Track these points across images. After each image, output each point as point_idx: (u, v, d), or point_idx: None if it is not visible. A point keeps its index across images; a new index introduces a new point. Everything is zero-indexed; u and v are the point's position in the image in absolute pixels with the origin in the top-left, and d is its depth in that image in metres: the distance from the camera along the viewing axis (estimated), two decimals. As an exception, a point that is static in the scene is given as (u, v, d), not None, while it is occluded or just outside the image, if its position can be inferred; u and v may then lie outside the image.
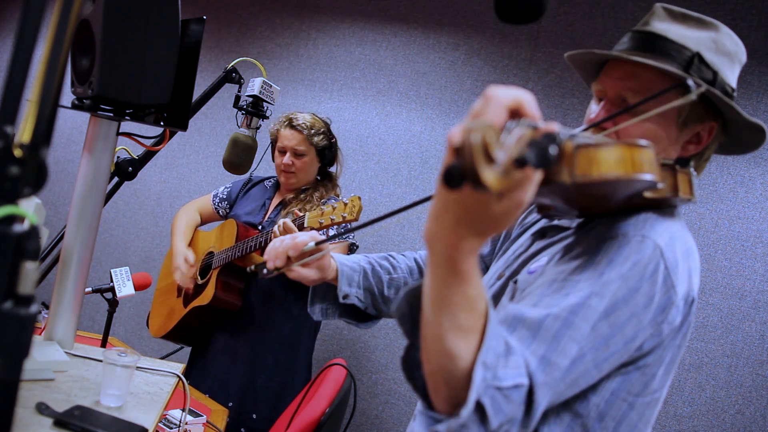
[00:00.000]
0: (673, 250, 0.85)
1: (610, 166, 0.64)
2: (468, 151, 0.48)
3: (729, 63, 0.96)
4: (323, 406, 1.76)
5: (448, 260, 0.63)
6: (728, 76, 0.96)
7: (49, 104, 0.49)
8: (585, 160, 0.64)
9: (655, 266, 0.81)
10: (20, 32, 0.48)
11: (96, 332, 2.31)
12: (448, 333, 0.66)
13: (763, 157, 2.39)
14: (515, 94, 0.61)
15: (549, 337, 0.75)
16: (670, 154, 0.95)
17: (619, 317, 0.79)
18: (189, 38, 1.41)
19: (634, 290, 0.80)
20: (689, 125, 0.94)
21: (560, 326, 0.76)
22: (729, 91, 0.95)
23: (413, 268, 1.31)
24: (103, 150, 1.39)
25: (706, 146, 0.97)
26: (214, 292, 2.09)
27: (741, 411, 2.34)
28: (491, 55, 2.81)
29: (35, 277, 0.49)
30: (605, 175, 0.64)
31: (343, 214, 1.74)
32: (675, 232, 0.87)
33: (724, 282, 2.40)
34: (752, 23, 2.41)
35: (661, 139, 0.93)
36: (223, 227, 2.25)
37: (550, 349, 0.74)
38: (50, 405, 1.07)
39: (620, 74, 0.95)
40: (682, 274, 0.85)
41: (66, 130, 3.57)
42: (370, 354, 2.89)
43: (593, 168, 0.64)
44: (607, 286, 0.79)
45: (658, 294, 0.82)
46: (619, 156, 0.65)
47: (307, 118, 2.22)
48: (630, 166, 0.66)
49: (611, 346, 0.79)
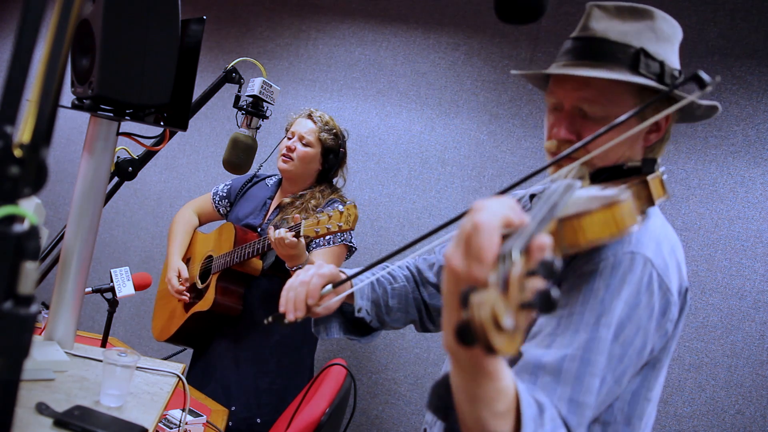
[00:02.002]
0: (661, 255, 0.88)
1: (596, 231, 0.67)
2: (479, 326, 0.50)
3: (671, 47, 0.97)
4: (323, 406, 1.76)
5: (475, 366, 0.63)
6: (673, 60, 0.97)
7: (49, 104, 0.49)
8: (571, 232, 0.67)
9: (649, 278, 0.85)
10: (20, 32, 0.48)
11: (96, 332, 2.31)
12: (488, 420, 0.68)
13: (763, 157, 2.39)
14: (501, 214, 0.58)
15: (571, 379, 0.79)
16: (635, 149, 0.98)
17: (628, 335, 0.83)
18: (189, 38, 1.41)
19: (635, 306, 0.84)
20: (647, 118, 0.96)
21: (579, 366, 0.80)
22: (676, 75, 0.97)
23: (409, 277, 1.31)
24: (103, 150, 1.39)
25: (666, 130, 1.01)
26: (215, 298, 2.08)
27: (741, 411, 2.34)
28: (491, 55, 2.81)
29: (35, 277, 0.49)
30: (593, 242, 0.68)
31: (339, 223, 1.74)
32: (658, 236, 0.90)
33: (724, 282, 2.40)
34: (752, 23, 2.41)
35: (628, 138, 0.95)
36: (221, 230, 2.23)
37: (575, 390, 0.79)
38: (50, 405, 1.07)
39: (573, 85, 0.96)
40: (672, 272, 0.89)
41: (66, 130, 3.57)
42: (370, 354, 2.89)
43: (580, 238, 0.67)
44: (610, 312, 0.82)
45: (657, 302, 0.85)
46: (603, 220, 0.68)
47: (326, 116, 2.24)
48: (614, 226, 0.68)
49: (626, 361, 0.83)
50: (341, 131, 2.27)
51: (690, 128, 2.47)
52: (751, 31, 2.41)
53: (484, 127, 2.80)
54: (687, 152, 2.48)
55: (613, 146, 0.92)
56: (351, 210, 1.75)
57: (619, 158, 0.97)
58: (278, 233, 1.83)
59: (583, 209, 0.67)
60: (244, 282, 2.15)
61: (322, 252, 2.08)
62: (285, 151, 2.19)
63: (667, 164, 2.49)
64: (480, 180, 2.77)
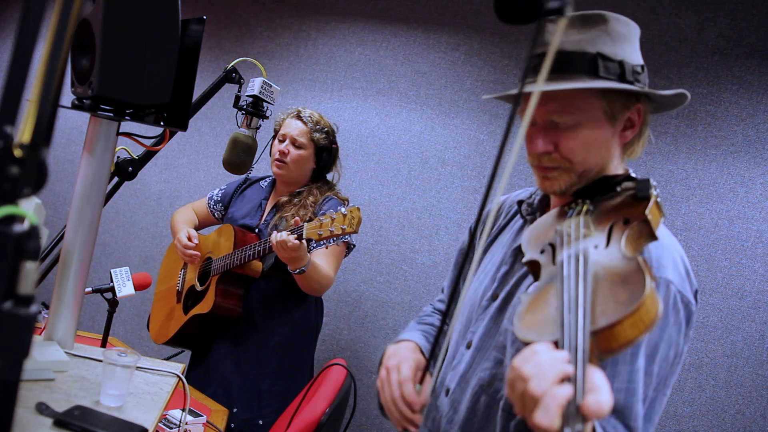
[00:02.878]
0: (678, 272, 0.93)
1: (628, 335, 0.68)
2: None
3: (629, 45, 0.99)
4: (323, 406, 1.76)
5: None
6: (633, 57, 0.99)
7: (49, 104, 0.49)
8: (605, 343, 0.68)
9: (674, 299, 0.90)
10: (20, 32, 0.48)
11: (96, 332, 2.31)
12: None
13: (763, 157, 2.39)
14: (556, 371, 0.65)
15: (620, 408, 0.85)
16: (611, 149, 1.01)
17: (663, 353, 0.90)
18: (189, 38, 1.41)
19: (664, 327, 0.89)
20: (618, 117, 0.99)
21: (625, 397, 0.86)
22: (639, 70, 0.99)
23: None
24: (103, 150, 1.39)
25: (641, 125, 1.02)
26: (215, 300, 2.07)
27: (741, 411, 2.34)
28: (491, 55, 2.81)
29: (35, 277, 0.49)
30: (626, 345, 0.69)
31: (343, 226, 1.73)
32: (671, 251, 0.94)
33: (724, 282, 2.40)
34: (752, 23, 2.41)
35: (600, 141, 0.99)
36: (220, 232, 2.22)
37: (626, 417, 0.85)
38: (50, 405, 1.07)
39: (539, 101, 0.99)
40: (687, 283, 0.94)
41: (66, 130, 3.58)
42: (370, 354, 2.89)
43: (613, 344, 0.68)
44: (642, 341, 0.87)
45: (683, 317, 0.91)
46: (633, 323, 0.68)
47: (315, 115, 2.21)
48: (643, 324, 0.69)
49: (662, 374, 0.91)
50: (331, 127, 2.24)
51: (690, 128, 2.47)
52: (751, 31, 2.41)
53: (484, 127, 2.80)
54: (687, 152, 2.48)
55: (591, 149, 0.98)
56: (354, 213, 1.74)
57: (600, 160, 1.00)
58: (280, 236, 1.82)
59: (612, 320, 0.68)
60: (244, 284, 2.14)
61: (322, 252, 2.07)
62: (278, 156, 2.16)
63: (667, 164, 2.49)
64: (480, 180, 2.77)
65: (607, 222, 0.86)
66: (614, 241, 0.80)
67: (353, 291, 2.93)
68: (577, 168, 0.99)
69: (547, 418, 0.61)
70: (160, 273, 2.50)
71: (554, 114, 0.98)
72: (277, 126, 2.25)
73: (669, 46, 2.50)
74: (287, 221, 2.09)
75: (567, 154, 0.98)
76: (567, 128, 0.98)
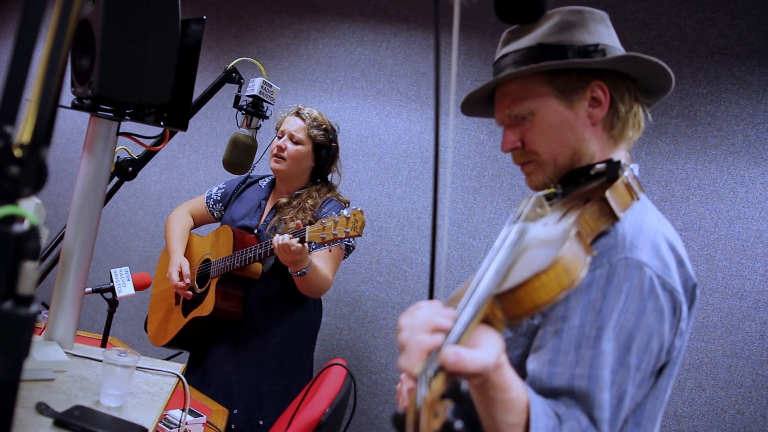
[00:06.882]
0: (658, 255, 0.87)
1: (533, 299, 0.64)
2: None
3: (577, 29, 0.99)
4: (323, 406, 1.76)
5: None
6: (583, 38, 0.99)
7: (49, 104, 0.49)
8: (510, 306, 0.65)
9: (650, 283, 0.84)
10: (20, 32, 0.48)
11: (96, 332, 2.31)
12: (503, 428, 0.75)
13: (763, 157, 2.39)
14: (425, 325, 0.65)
15: (582, 396, 0.82)
16: (578, 132, 0.99)
17: (641, 342, 0.84)
18: (189, 38, 1.41)
19: (640, 314, 0.84)
20: (574, 98, 0.99)
21: (588, 384, 0.82)
22: (591, 48, 0.98)
23: None
24: (103, 150, 1.39)
25: (611, 102, 0.99)
26: (215, 303, 2.06)
27: (741, 411, 2.34)
28: (491, 55, 2.81)
29: (35, 277, 0.49)
30: (534, 309, 0.65)
31: (346, 229, 1.72)
32: (653, 235, 0.89)
33: (724, 282, 2.40)
34: (752, 23, 2.41)
35: (559, 125, 0.99)
36: (218, 233, 2.21)
37: (589, 407, 0.81)
38: (50, 405, 1.07)
39: (497, 103, 1.07)
40: (673, 269, 0.88)
41: (66, 130, 3.58)
42: (370, 354, 2.89)
43: (518, 309, 0.65)
44: (610, 324, 0.83)
45: (665, 304, 0.85)
46: (539, 287, 0.64)
47: (314, 112, 2.21)
48: (552, 290, 0.65)
49: (643, 367, 0.84)
50: (331, 126, 2.23)
51: (690, 128, 2.47)
52: (751, 31, 2.41)
53: (484, 127, 2.80)
54: (687, 152, 2.48)
55: (551, 135, 0.98)
56: (358, 216, 1.73)
57: (567, 145, 0.99)
58: (282, 239, 1.81)
59: (515, 283, 0.65)
60: (244, 285, 2.13)
61: (323, 254, 2.07)
62: (276, 151, 2.17)
63: (667, 164, 2.49)
64: (480, 180, 2.77)
65: (570, 204, 0.85)
66: (564, 220, 0.78)
67: (353, 291, 2.93)
68: (545, 158, 1.00)
69: (408, 362, 0.62)
70: (156, 275, 2.48)
71: (507, 109, 1.02)
72: (278, 124, 2.26)
73: (669, 46, 2.50)
74: (286, 224, 2.09)
75: (531, 146, 1.01)
76: (524, 119, 1.01)
